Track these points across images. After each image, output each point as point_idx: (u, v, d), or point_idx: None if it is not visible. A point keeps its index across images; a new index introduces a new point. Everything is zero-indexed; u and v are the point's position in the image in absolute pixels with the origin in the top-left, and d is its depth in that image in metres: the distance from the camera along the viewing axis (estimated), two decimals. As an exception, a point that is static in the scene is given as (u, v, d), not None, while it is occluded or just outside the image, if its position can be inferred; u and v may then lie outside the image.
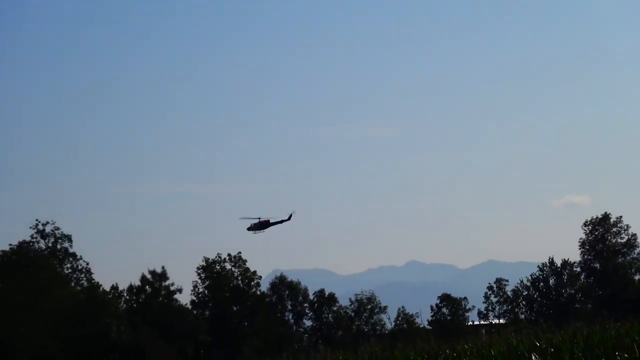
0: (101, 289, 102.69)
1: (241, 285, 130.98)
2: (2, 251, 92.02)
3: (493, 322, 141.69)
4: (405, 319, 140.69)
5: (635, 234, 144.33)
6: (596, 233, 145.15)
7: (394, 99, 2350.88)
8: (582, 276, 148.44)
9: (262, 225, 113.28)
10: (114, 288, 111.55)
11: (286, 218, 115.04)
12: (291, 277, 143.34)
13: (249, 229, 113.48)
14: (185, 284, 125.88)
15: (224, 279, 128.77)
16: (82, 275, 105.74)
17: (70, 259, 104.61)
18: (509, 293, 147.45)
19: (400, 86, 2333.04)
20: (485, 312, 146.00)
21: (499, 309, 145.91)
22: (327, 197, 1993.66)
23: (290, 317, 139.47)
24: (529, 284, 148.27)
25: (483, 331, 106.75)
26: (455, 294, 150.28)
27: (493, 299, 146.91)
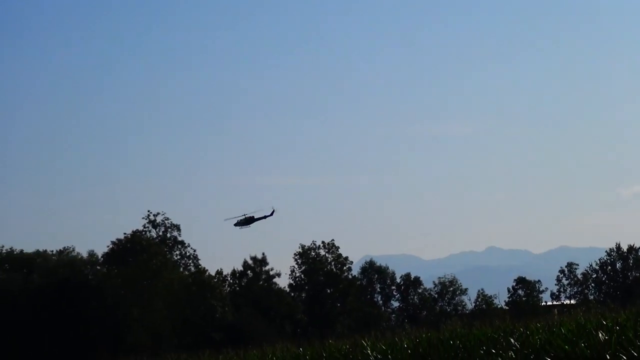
0: (207, 273, 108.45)
1: (334, 270, 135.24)
2: (118, 240, 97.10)
3: (564, 303, 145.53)
4: (484, 300, 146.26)
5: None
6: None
7: (472, 98, 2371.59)
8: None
9: (247, 221, 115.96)
10: (219, 273, 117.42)
11: (269, 214, 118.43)
12: (380, 262, 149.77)
13: (235, 224, 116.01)
14: (283, 268, 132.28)
15: (318, 264, 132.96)
16: (190, 261, 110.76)
17: (179, 246, 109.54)
18: (579, 276, 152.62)
19: (480, 86, 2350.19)
20: (557, 293, 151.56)
21: (570, 291, 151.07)
22: (414, 189, 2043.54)
23: (379, 298, 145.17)
24: (597, 267, 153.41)
25: (555, 311, 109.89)
26: (530, 277, 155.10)
27: (564, 281, 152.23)
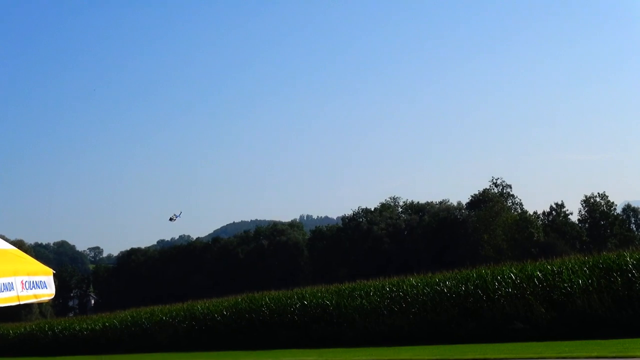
0: (527, 213, 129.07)
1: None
2: (473, 195, 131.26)
3: None
4: None
5: None
6: None
7: None
8: None
9: (171, 219, 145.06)
10: (535, 212, 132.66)
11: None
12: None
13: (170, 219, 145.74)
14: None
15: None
16: (517, 206, 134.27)
17: (511, 197, 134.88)
18: None
19: None
20: None
21: None
22: None
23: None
24: None
25: None
26: None
27: None
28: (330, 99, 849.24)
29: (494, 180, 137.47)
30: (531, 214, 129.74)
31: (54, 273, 12.31)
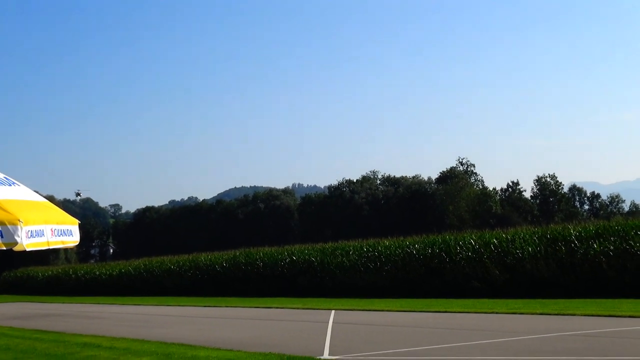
0: (487, 189, 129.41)
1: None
2: (442, 172, 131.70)
3: None
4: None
5: None
6: None
7: None
8: None
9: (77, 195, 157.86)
10: (494, 188, 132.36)
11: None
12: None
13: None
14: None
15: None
16: (479, 182, 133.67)
17: (474, 175, 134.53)
18: None
19: None
20: None
21: None
22: None
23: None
24: None
25: None
26: None
27: None
28: (325, 82, 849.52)
29: (460, 160, 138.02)
30: (491, 189, 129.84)
31: (79, 223, 12.23)
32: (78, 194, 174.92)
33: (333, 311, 24.83)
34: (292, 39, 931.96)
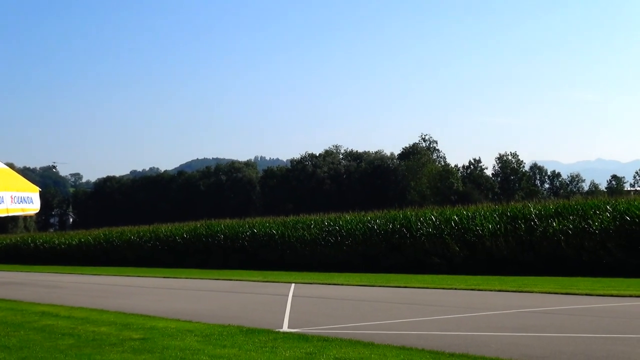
0: (449, 165, 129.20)
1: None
2: (405, 147, 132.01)
3: None
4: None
5: None
6: None
7: None
8: None
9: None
10: (456, 165, 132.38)
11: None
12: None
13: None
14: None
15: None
16: (441, 159, 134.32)
17: (436, 151, 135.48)
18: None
19: None
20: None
21: None
22: None
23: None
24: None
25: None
26: None
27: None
28: (289, 56, 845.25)
29: (423, 136, 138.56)
30: (452, 166, 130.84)
31: (39, 191, 12.02)
32: (54, 167, 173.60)
33: (293, 284, 24.83)
34: (256, 13, 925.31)
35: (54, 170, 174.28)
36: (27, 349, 10.53)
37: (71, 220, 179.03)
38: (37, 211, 12.19)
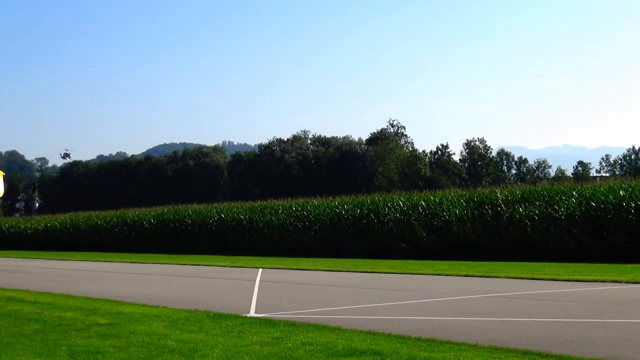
0: (417, 151, 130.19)
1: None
2: (372, 133, 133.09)
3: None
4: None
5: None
6: None
7: None
8: None
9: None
10: (424, 151, 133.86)
11: None
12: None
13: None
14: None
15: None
16: (409, 145, 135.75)
17: (404, 137, 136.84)
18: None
19: None
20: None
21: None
22: None
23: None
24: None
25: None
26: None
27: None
28: (257, 39, 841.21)
29: (391, 121, 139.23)
30: (420, 152, 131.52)
31: (3, 175, 11.81)
32: (67, 155, 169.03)
33: (261, 269, 24.81)
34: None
35: (67, 158, 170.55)
36: (-8, 334, 10.39)
37: (37, 205, 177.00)
38: (2, 195, 11.99)
